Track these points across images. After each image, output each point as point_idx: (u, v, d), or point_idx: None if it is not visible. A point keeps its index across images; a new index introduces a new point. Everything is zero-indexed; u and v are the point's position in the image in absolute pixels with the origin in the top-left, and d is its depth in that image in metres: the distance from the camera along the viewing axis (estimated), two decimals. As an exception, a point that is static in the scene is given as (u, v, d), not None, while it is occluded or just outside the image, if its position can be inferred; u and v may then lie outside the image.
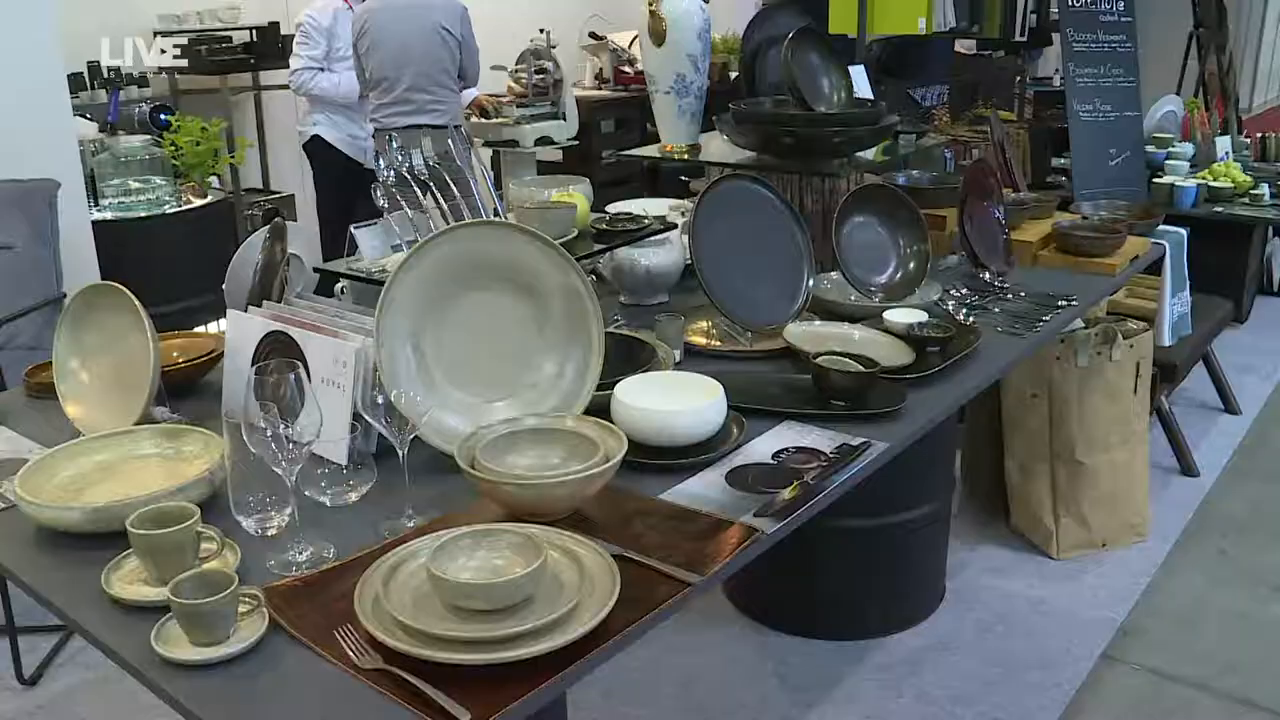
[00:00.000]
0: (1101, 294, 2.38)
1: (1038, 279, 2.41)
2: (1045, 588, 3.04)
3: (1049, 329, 2.11)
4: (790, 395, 1.75)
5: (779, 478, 1.48)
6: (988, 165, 2.48)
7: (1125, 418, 3.20)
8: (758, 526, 1.34)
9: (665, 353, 1.83)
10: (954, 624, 2.88)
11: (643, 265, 2.22)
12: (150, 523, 1.25)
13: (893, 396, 1.71)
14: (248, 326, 1.69)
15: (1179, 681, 2.64)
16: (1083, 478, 3.16)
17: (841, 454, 1.55)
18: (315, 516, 1.42)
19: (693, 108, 2.36)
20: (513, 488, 1.31)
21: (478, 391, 1.56)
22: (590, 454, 1.39)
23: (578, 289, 1.59)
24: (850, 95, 2.30)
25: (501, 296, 1.58)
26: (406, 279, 1.50)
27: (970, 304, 2.19)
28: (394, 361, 1.43)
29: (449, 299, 1.55)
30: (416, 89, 4.51)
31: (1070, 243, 2.51)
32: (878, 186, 2.24)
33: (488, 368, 1.57)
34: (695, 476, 1.49)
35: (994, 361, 1.94)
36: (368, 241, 1.84)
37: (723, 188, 2.03)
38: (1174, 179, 4.39)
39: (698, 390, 1.60)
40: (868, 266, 2.19)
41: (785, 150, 2.24)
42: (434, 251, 1.51)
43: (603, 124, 6.29)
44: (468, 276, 1.55)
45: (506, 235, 1.55)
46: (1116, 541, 3.23)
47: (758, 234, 2.06)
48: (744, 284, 2.02)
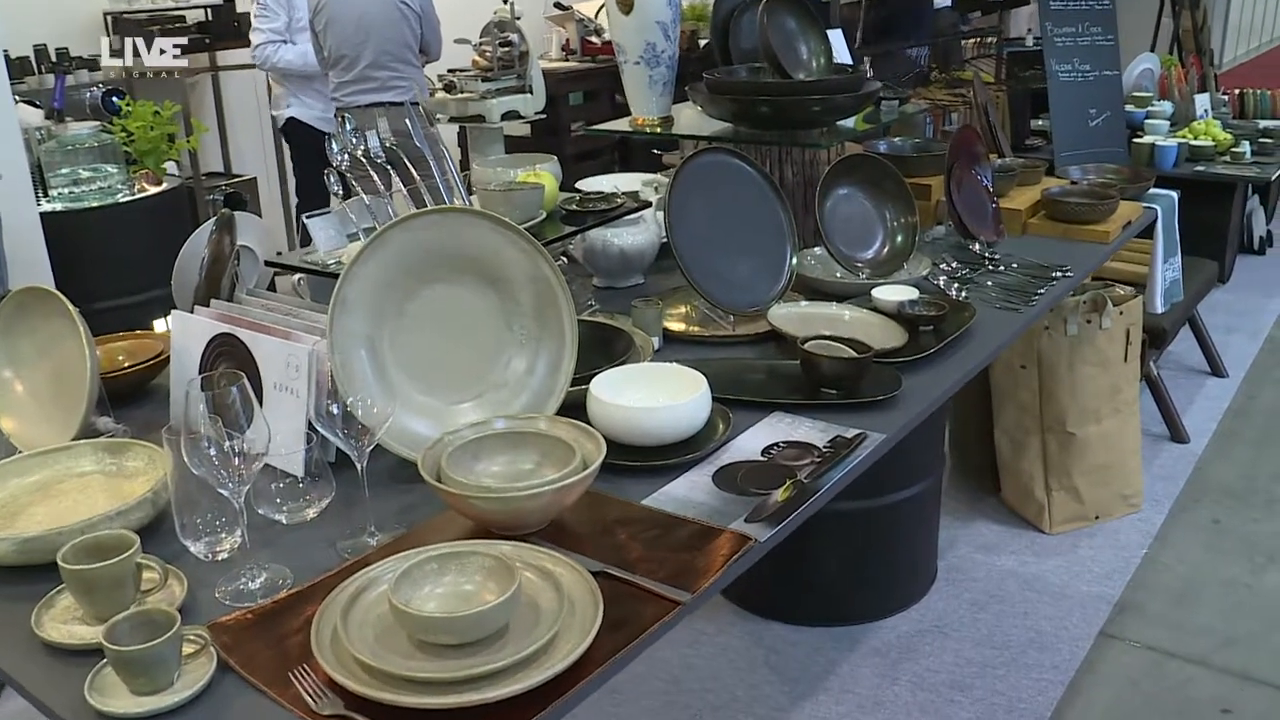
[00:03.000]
0: (1097, 262, 2.28)
1: (1029, 248, 2.32)
2: (1039, 564, 2.97)
3: (1045, 302, 2.01)
4: (778, 384, 1.64)
5: (770, 477, 1.38)
6: (974, 130, 2.37)
7: (1116, 386, 3.12)
8: (750, 534, 1.24)
9: (643, 341, 1.72)
10: (947, 605, 2.81)
11: (616, 246, 2.10)
12: (86, 555, 1.13)
13: (887, 383, 1.60)
14: (193, 328, 1.57)
15: (1178, 657, 2.58)
16: (1074, 449, 3.09)
17: (835, 448, 1.45)
18: (270, 536, 1.31)
19: (664, 78, 2.24)
20: (482, 501, 1.20)
21: (442, 393, 1.44)
22: (566, 459, 1.28)
23: (548, 278, 1.48)
24: (830, 61, 2.19)
25: (465, 289, 1.46)
26: (360, 275, 1.38)
27: (961, 278, 2.09)
28: (349, 365, 1.31)
29: (408, 295, 1.43)
30: (378, 65, 4.37)
31: (1061, 210, 2.41)
32: (862, 156, 2.13)
33: (452, 367, 1.46)
34: (680, 478, 1.39)
35: (990, 339, 1.84)
36: (322, 231, 1.71)
37: (699, 161, 1.92)
38: (1154, 138, 4.31)
39: (680, 383, 1.50)
40: (853, 241, 2.08)
41: (762, 120, 2.13)
42: (389, 244, 1.39)
43: (571, 97, 6.14)
44: (427, 269, 1.44)
45: (468, 222, 1.43)
46: (1109, 514, 3.16)
47: (737, 210, 1.95)
48: (724, 264, 1.91)
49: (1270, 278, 5.28)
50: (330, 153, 1.80)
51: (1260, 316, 4.77)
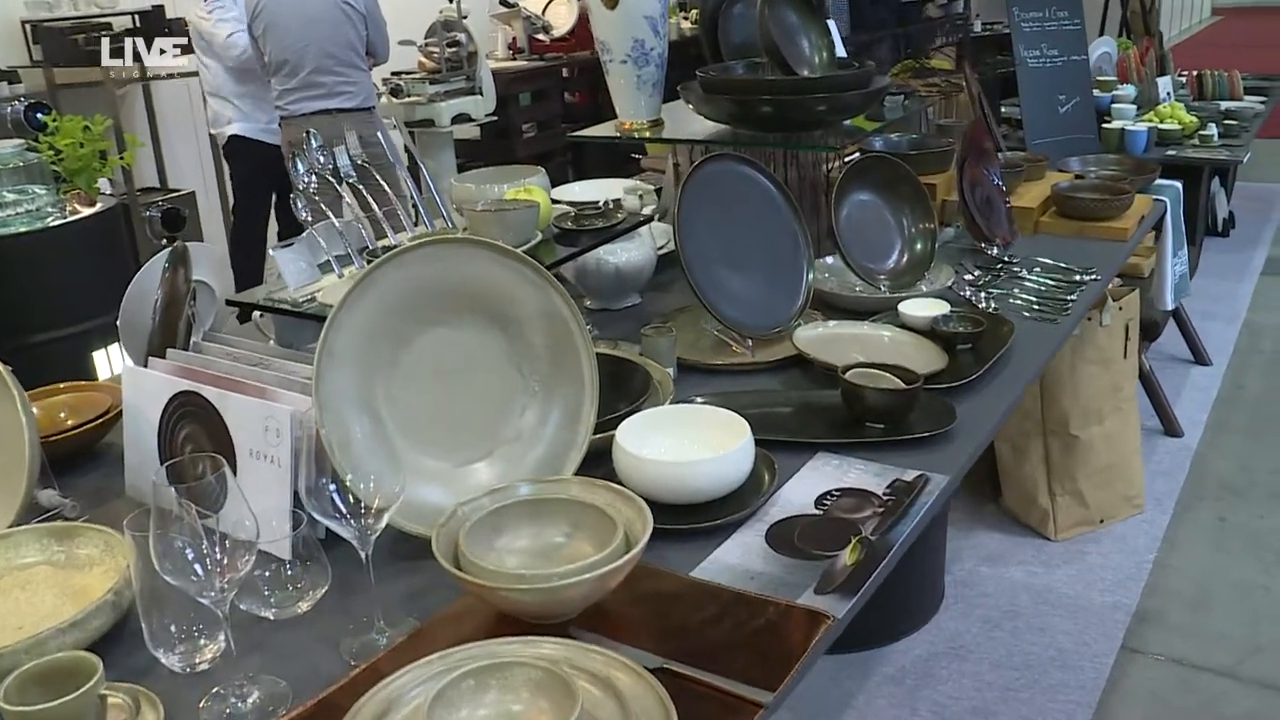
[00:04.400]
0: (1120, 260, 2.15)
1: (1045, 248, 2.17)
2: (1049, 574, 2.84)
3: (1079, 308, 1.87)
4: (816, 419, 1.47)
5: (831, 535, 1.21)
6: (984, 125, 2.22)
7: (1117, 384, 3.01)
8: (825, 610, 1.07)
9: (660, 376, 1.54)
10: (959, 624, 2.66)
11: (611, 265, 1.92)
12: (35, 686, 0.93)
13: (938, 414, 1.44)
14: (149, 385, 1.36)
15: (1206, 670, 2.46)
16: (1078, 452, 2.97)
17: (897, 494, 1.28)
18: (257, 636, 1.12)
19: (653, 78, 2.05)
20: (515, 594, 1.01)
21: (449, 454, 1.25)
22: (603, 531, 1.10)
23: (562, 314, 1.29)
24: (833, 56, 2.02)
25: (468, 331, 1.27)
26: (347, 324, 1.18)
27: (986, 286, 1.93)
28: (345, 434, 1.12)
29: (402, 342, 1.24)
30: (322, 70, 4.13)
31: (1075, 206, 2.27)
32: (876, 157, 1.97)
33: (458, 422, 1.26)
34: (729, 540, 1.21)
35: (1032, 356, 1.68)
36: (291, 264, 1.50)
37: (706, 170, 1.74)
38: (1123, 123, 4.22)
39: (714, 428, 1.32)
40: (870, 251, 1.92)
41: (763, 121, 1.95)
42: (379, 284, 1.20)
43: (521, 97, 5.93)
44: (424, 310, 1.24)
45: (469, 254, 1.24)
46: (1114, 516, 3.05)
47: (749, 223, 1.78)
48: (738, 282, 1.74)
49: (1238, 261, 5.25)
50: (294, 174, 1.60)
51: (1234, 301, 4.72)
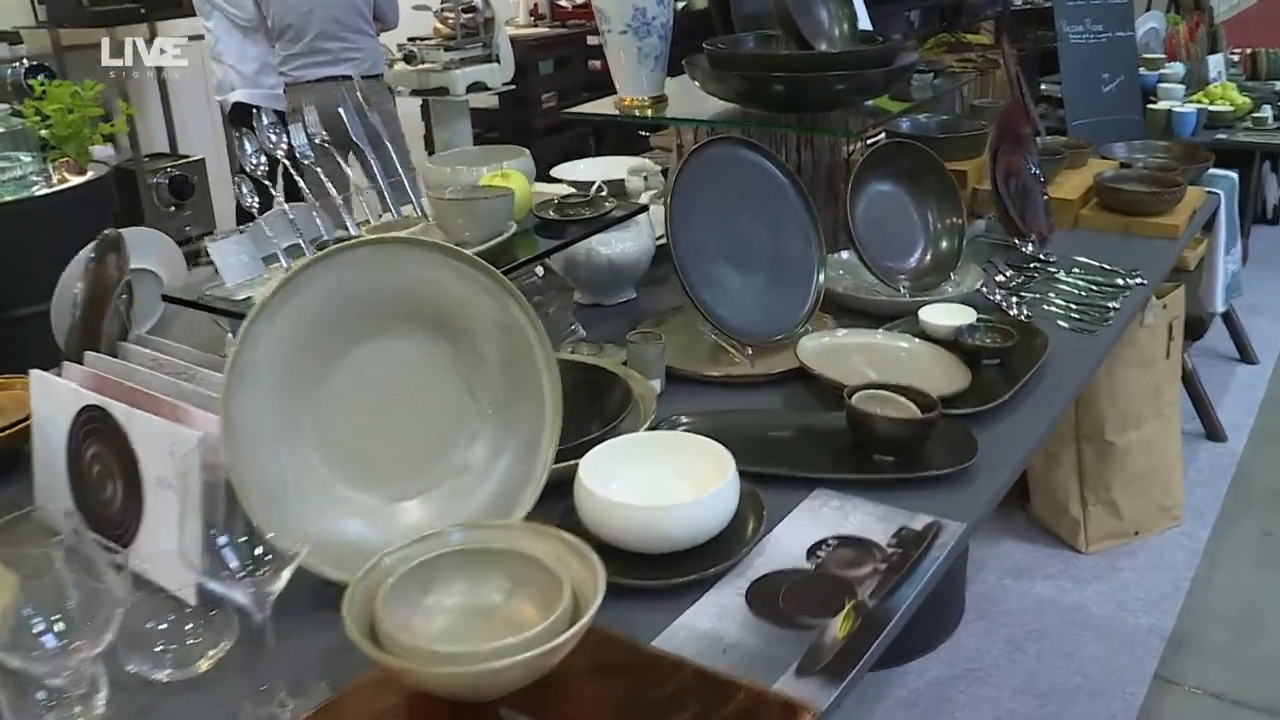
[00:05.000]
0: (1169, 261, 1.94)
1: (1085, 246, 1.97)
2: (1078, 590, 2.65)
3: (1121, 317, 1.67)
4: (817, 448, 1.29)
5: (823, 595, 1.03)
6: (1022, 107, 2.01)
7: (1158, 387, 2.80)
8: (805, 703, 0.89)
9: (643, 391, 1.36)
10: (980, 644, 2.48)
11: (603, 256, 1.74)
12: None
13: (957, 444, 1.26)
14: (58, 395, 1.20)
15: (1247, 706, 2.27)
16: (1113, 459, 2.77)
17: (903, 546, 1.10)
18: (145, 703, 0.96)
19: (656, 50, 1.86)
20: (435, 676, 0.84)
21: (382, 487, 1.08)
22: (548, 586, 0.93)
23: (519, 324, 1.11)
24: (855, 28, 1.82)
25: (412, 344, 1.10)
26: (265, 334, 1.01)
27: (1018, 289, 1.74)
28: (258, 466, 0.95)
29: (333, 355, 1.07)
30: (327, 36, 3.95)
31: (1120, 199, 2.06)
32: (899, 143, 1.77)
33: (396, 451, 1.09)
34: (703, 599, 1.03)
35: (1068, 374, 1.49)
36: (231, 257, 1.34)
37: (706, 155, 1.55)
38: (1170, 104, 3.97)
39: (695, 460, 1.14)
40: (890, 248, 1.73)
41: (776, 101, 1.76)
42: (306, 288, 1.03)
43: (541, 65, 5.72)
44: (357, 321, 1.07)
45: (414, 255, 1.07)
46: (1150, 528, 2.85)
47: (753, 214, 1.59)
48: (738, 282, 1.55)
49: (1289, 250, 4.97)
50: (242, 155, 1.43)
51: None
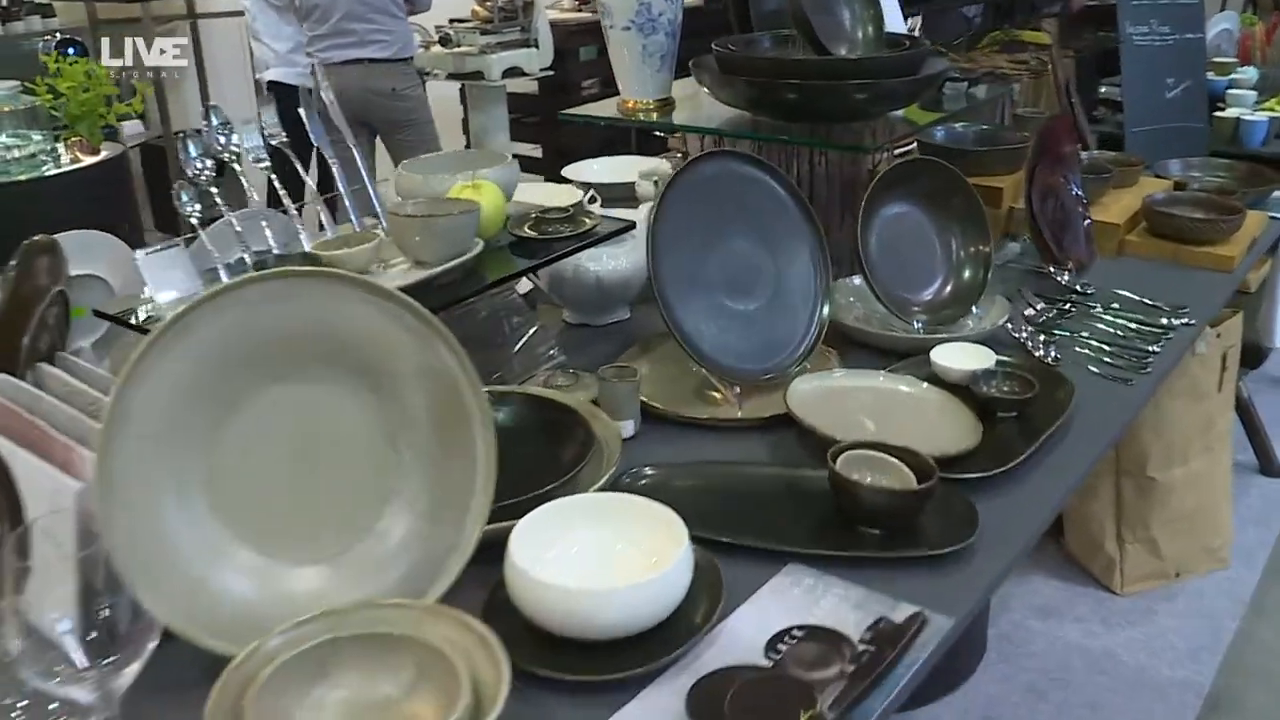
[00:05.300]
0: (1222, 297, 1.76)
1: (1130, 276, 1.79)
2: (1109, 636, 2.48)
3: (1163, 364, 1.49)
4: (796, 513, 1.14)
5: (777, 702, 0.88)
6: (1066, 122, 1.83)
7: (1209, 420, 2.60)
8: None
9: (608, 436, 1.22)
10: (999, 690, 2.32)
11: (592, 274, 1.60)
12: None
13: (955, 517, 1.10)
14: (-47, 422, 1.09)
15: (1290, 779, 2.09)
16: (1154, 496, 2.58)
17: (878, 642, 0.95)
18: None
19: (663, 48, 1.72)
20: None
21: (278, 547, 0.95)
22: (451, 682, 0.80)
23: (448, 369, 0.98)
24: (880, 31, 1.66)
25: (323, 389, 0.97)
26: (152, 379, 0.89)
27: (1048, 325, 1.57)
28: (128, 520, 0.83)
29: (232, 403, 0.94)
30: (354, 17, 3.84)
31: (1170, 225, 1.88)
32: (923, 162, 1.60)
33: (304, 510, 0.96)
34: (637, 700, 0.89)
35: (1096, 430, 1.32)
36: (162, 273, 1.21)
37: (699, 172, 1.41)
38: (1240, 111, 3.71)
39: (649, 528, 1.00)
40: (906, 276, 1.57)
41: (790, 110, 1.60)
42: (196, 329, 0.90)
43: (582, 51, 5.56)
44: (263, 363, 0.94)
45: (327, 290, 0.94)
46: (1192, 570, 2.66)
47: (751, 239, 1.44)
48: (731, 315, 1.41)
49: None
50: (185, 159, 1.31)
51: (1353, 315, 4.18)
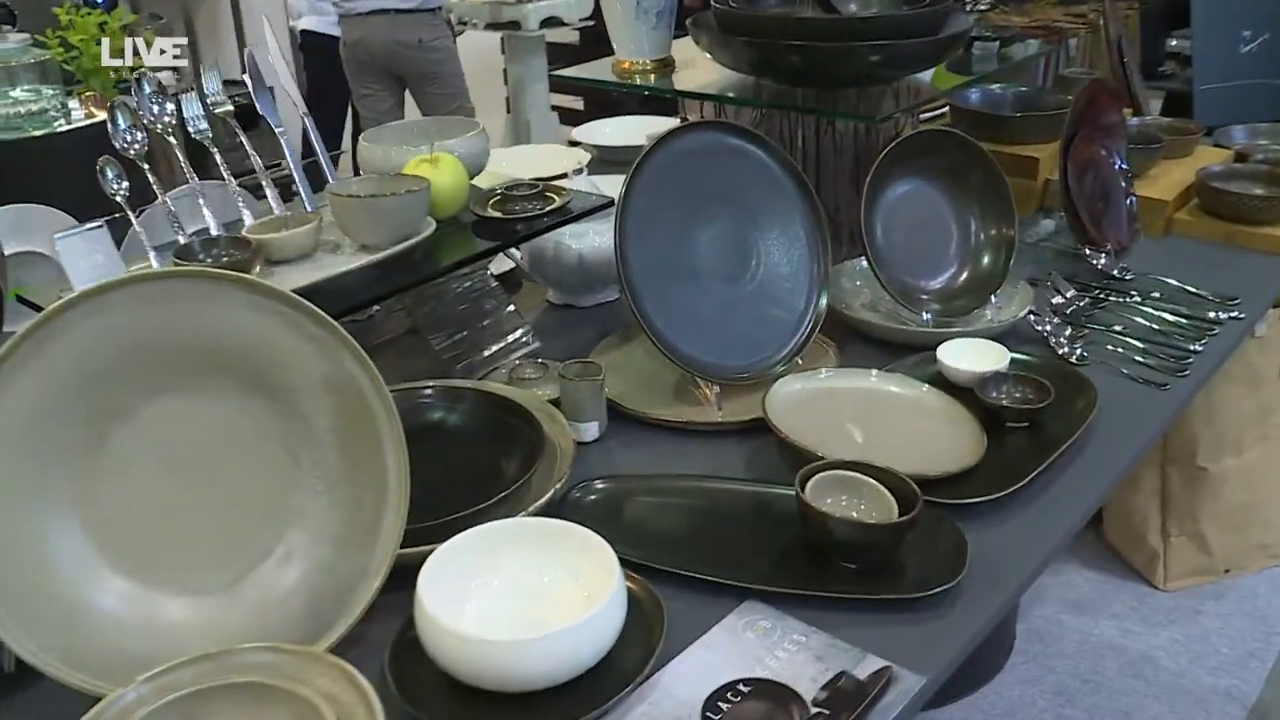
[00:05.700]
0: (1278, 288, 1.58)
1: (1177, 260, 1.62)
2: (1148, 636, 2.32)
3: (1204, 367, 1.33)
4: (760, 541, 1.01)
5: (709, 779, 0.77)
6: (1107, 87, 1.66)
7: (1267, 408, 2.41)
8: None
9: (563, 443, 1.10)
10: (1025, 692, 2.19)
11: (574, 252, 1.47)
12: None
13: (946, 554, 0.96)
14: None
15: (1338, 802, 1.94)
16: (1205, 488, 2.40)
17: (833, 704, 0.83)
18: None
19: (659, 5, 1.57)
20: None
21: (155, 573, 0.84)
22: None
23: (354, 382, 0.86)
24: (897, -15, 1.50)
25: (218, 402, 0.86)
26: (14, 391, 0.79)
27: (1078, 317, 1.41)
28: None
29: (110, 416, 0.83)
30: (380, -36, 3.72)
31: (1224, 203, 1.69)
32: (940, 134, 1.44)
33: (187, 530, 0.86)
34: (551, 769, 0.79)
35: (1119, 443, 1.17)
36: (81, 258, 1.11)
37: (677, 146, 1.27)
38: (1325, 66, 3.44)
39: (582, 562, 0.88)
40: (917, 261, 1.42)
41: (794, 74, 1.45)
42: (65, 335, 0.79)
43: (624, 0, 5.37)
44: (145, 373, 0.83)
45: (212, 294, 0.82)
46: (1242, 567, 2.49)
47: (739, 221, 1.30)
48: (709, 304, 1.28)
49: None
50: (114, 131, 1.20)
51: None
